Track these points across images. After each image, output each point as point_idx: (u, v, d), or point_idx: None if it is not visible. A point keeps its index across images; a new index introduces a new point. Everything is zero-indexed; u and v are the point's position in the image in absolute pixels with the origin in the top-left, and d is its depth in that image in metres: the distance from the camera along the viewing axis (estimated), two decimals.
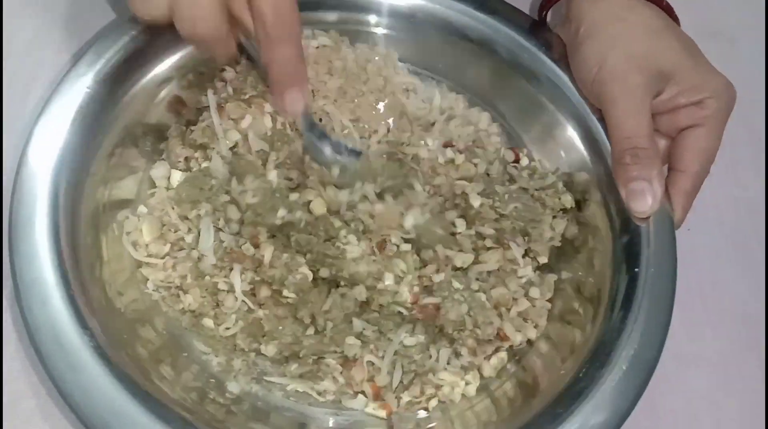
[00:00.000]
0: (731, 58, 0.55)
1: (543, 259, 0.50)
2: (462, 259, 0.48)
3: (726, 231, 0.56)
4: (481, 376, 0.47)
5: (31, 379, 0.43)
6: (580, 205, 0.51)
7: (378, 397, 0.46)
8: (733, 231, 0.56)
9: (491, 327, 0.46)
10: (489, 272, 0.48)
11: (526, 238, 0.49)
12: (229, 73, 0.51)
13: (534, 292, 0.48)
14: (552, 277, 0.49)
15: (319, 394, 0.46)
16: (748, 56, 0.63)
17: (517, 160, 0.53)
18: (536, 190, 0.50)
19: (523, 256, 0.49)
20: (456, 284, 0.46)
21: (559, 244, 0.50)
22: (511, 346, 0.48)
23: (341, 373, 0.46)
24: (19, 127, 0.47)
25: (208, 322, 0.46)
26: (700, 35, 0.49)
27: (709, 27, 0.61)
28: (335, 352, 0.46)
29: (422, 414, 0.46)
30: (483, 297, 0.46)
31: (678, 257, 0.45)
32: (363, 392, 0.46)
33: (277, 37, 0.40)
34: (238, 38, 0.43)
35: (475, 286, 0.46)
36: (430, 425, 0.45)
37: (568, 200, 0.51)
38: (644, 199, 0.44)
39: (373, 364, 0.46)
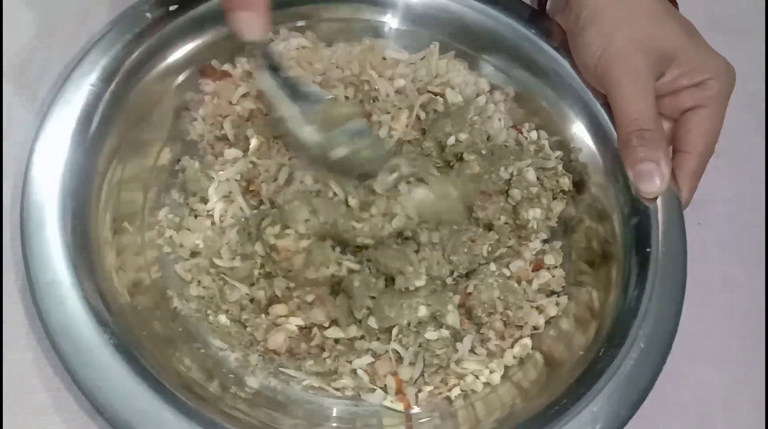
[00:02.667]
0: (742, 50, 0.56)
1: (543, 236, 0.51)
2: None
3: (736, 226, 0.55)
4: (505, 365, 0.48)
5: (44, 371, 0.43)
6: (579, 186, 0.52)
7: (400, 390, 0.46)
8: (743, 226, 0.55)
9: (521, 311, 0.46)
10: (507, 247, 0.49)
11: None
12: (209, 86, 0.51)
13: (549, 259, 0.50)
14: (557, 244, 0.51)
15: (337, 390, 0.46)
16: (760, 49, 0.62)
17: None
18: (537, 168, 0.51)
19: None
20: (493, 267, 0.46)
21: (555, 225, 0.51)
22: (535, 328, 0.48)
23: (365, 370, 0.46)
24: (28, 124, 0.47)
25: (222, 319, 0.46)
26: (711, 27, 0.49)
27: (721, 19, 0.61)
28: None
29: (443, 404, 0.46)
30: (515, 284, 0.47)
31: (688, 252, 0.46)
32: (384, 387, 0.46)
33: None
34: None
35: (506, 271, 0.47)
36: (453, 411, 0.46)
37: (566, 183, 0.52)
38: (652, 180, 0.45)
39: (398, 353, 0.46)
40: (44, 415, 0.42)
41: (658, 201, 0.47)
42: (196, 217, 0.48)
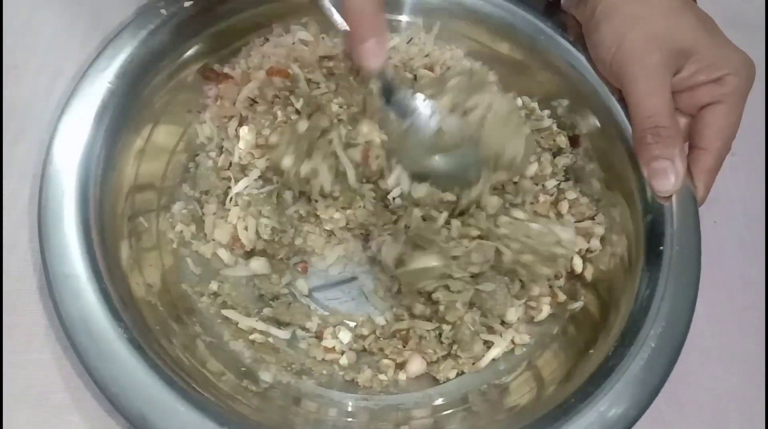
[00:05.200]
0: (762, 46, 0.54)
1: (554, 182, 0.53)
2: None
3: (752, 224, 0.55)
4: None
5: (63, 370, 0.43)
6: (573, 141, 0.53)
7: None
8: (759, 224, 0.55)
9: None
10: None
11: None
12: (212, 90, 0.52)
13: (570, 194, 0.52)
14: (569, 184, 0.53)
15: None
16: None
17: None
18: (533, 130, 0.53)
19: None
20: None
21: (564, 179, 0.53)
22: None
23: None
24: (45, 121, 0.47)
25: (234, 314, 0.47)
26: (726, 23, 0.48)
27: (735, 15, 0.60)
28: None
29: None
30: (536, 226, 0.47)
31: (703, 250, 0.45)
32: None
33: None
34: None
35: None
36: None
37: (562, 140, 0.53)
38: (667, 178, 0.44)
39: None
40: (63, 414, 0.43)
41: (673, 198, 0.46)
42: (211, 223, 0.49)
